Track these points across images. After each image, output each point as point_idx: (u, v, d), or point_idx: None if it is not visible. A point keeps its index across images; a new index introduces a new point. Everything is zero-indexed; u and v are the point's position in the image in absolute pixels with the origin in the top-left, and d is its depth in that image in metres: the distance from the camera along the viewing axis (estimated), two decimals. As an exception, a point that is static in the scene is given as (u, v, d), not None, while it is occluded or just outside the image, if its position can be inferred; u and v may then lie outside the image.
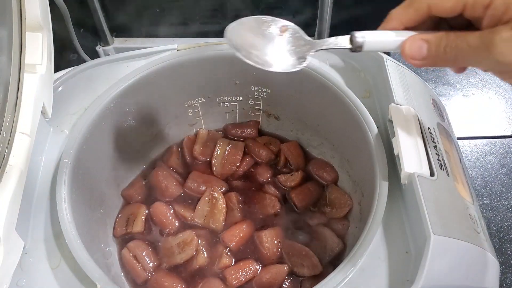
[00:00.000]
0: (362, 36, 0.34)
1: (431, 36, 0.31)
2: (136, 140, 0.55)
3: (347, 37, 0.35)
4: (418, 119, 0.43)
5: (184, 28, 0.73)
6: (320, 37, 0.70)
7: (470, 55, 0.29)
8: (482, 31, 0.29)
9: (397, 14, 0.33)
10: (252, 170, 0.57)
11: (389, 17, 0.33)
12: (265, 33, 0.38)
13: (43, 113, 0.45)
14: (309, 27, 0.72)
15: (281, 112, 0.58)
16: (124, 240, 0.51)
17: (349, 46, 0.35)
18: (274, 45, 0.38)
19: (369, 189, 0.43)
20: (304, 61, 0.37)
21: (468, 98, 0.74)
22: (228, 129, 0.60)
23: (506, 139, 0.68)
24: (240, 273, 0.47)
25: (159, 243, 0.51)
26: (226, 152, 0.57)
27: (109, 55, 0.74)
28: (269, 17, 0.38)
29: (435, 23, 0.33)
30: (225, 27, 0.38)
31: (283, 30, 0.38)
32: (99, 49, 0.74)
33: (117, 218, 0.52)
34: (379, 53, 0.50)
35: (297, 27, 0.38)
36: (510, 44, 0.27)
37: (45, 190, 0.44)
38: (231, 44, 0.37)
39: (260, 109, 0.59)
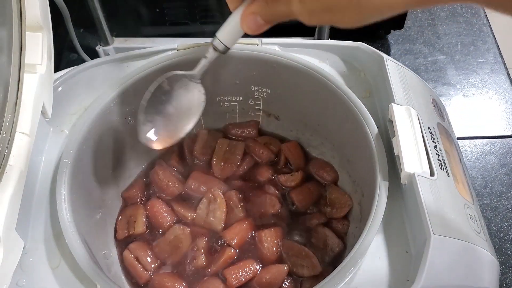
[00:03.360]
0: (218, 40, 0.40)
1: (255, 7, 0.35)
2: (136, 140, 0.55)
3: (210, 47, 0.40)
4: (418, 119, 0.43)
5: (184, 28, 0.73)
6: (320, 36, 0.70)
7: (285, 15, 0.33)
8: None
9: None
10: (252, 170, 0.57)
11: None
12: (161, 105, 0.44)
13: (43, 113, 0.45)
14: (309, 27, 0.71)
15: (281, 112, 0.58)
16: (125, 241, 0.51)
17: (217, 53, 0.40)
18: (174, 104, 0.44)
19: (369, 189, 0.43)
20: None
21: (468, 98, 0.74)
22: (228, 129, 0.60)
23: (506, 139, 0.68)
24: (240, 273, 0.47)
25: (158, 242, 0.51)
26: (226, 152, 0.57)
27: (109, 55, 0.74)
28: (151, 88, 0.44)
29: None
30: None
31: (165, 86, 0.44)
32: (99, 49, 0.74)
33: (117, 221, 0.52)
34: (380, 53, 0.50)
35: (172, 73, 0.44)
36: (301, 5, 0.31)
37: (45, 190, 0.44)
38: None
39: (260, 109, 0.59)
